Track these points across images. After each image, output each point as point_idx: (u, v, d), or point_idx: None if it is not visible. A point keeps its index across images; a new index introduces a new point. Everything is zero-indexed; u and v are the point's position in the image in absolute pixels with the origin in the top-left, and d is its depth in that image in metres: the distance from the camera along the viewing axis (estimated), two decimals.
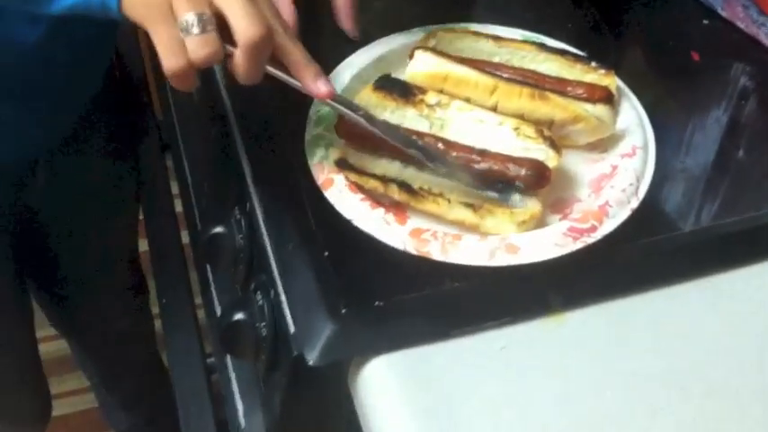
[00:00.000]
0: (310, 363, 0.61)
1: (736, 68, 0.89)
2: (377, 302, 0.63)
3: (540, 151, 0.68)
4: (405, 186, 0.68)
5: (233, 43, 0.60)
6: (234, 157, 0.77)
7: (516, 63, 0.78)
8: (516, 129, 0.70)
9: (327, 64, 0.76)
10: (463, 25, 0.84)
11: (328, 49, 0.83)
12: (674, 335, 0.64)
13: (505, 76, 0.75)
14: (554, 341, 0.63)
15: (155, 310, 1.23)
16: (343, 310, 0.62)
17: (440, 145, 0.69)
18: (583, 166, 0.74)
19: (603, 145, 0.74)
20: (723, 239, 0.70)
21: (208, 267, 1.00)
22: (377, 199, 0.68)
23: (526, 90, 0.72)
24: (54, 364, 1.45)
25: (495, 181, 0.67)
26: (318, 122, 0.73)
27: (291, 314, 0.64)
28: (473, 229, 0.67)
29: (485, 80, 0.74)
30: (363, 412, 0.61)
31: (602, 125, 0.72)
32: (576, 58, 0.77)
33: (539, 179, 0.66)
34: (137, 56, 1.28)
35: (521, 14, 0.94)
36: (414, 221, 0.67)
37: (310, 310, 0.63)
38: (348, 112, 0.67)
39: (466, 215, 0.67)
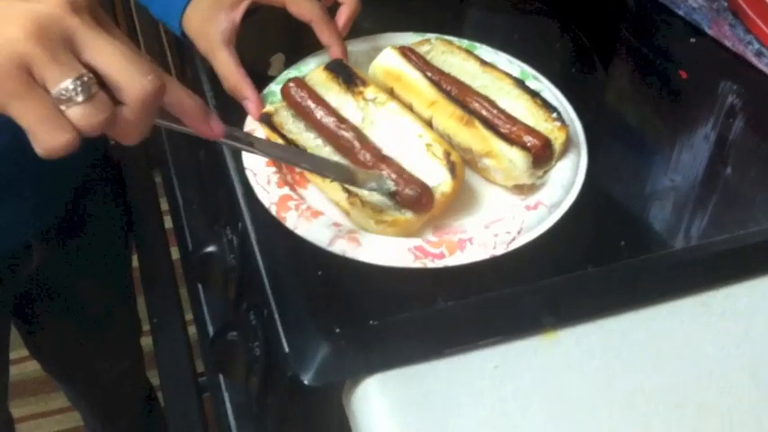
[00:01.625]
0: (306, 383, 0.61)
1: (724, 86, 0.90)
2: (371, 322, 0.63)
3: (440, 173, 0.69)
4: None
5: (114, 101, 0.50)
6: (225, 177, 0.77)
7: (493, 92, 0.77)
8: (428, 145, 0.71)
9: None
10: (457, 39, 0.85)
11: None
12: (667, 353, 0.65)
13: (454, 93, 0.76)
14: (548, 360, 0.64)
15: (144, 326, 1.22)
16: (337, 330, 0.62)
17: (356, 141, 0.71)
18: (494, 205, 0.73)
19: (527, 192, 0.73)
20: (713, 258, 0.71)
21: (199, 286, 1.00)
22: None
23: (458, 112, 0.73)
24: (17, 388, 1.43)
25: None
26: None
27: (285, 334, 0.64)
28: (346, 214, 0.70)
29: (428, 92, 0.75)
30: (358, 431, 0.61)
31: (514, 168, 0.70)
32: (544, 104, 0.76)
33: (418, 202, 0.67)
34: None
35: (511, 35, 0.95)
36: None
37: (304, 331, 0.63)
38: (243, 147, 0.64)
39: (341, 198, 0.69)
